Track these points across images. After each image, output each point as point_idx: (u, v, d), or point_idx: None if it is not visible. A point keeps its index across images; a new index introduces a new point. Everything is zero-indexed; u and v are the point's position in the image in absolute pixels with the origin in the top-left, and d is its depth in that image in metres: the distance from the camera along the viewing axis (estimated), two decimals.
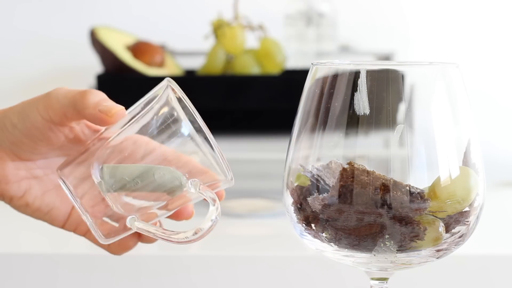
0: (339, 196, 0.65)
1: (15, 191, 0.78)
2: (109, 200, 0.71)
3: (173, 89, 0.70)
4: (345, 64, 0.67)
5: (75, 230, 0.80)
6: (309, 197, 0.66)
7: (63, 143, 0.76)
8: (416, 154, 0.65)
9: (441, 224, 0.65)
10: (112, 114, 0.73)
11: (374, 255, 0.66)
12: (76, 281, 1.15)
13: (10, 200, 0.79)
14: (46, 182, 0.80)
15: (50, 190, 0.80)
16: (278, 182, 0.71)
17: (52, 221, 0.80)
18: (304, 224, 0.67)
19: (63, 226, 0.80)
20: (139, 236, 0.78)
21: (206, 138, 0.69)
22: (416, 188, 0.65)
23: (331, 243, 0.66)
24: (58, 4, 1.66)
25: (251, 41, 1.47)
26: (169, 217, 0.76)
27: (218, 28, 1.44)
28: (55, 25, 1.66)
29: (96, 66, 1.54)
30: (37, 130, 0.75)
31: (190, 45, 1.61)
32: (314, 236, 0.67)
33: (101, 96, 0.74)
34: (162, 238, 0.70)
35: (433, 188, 0.65)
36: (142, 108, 0.72)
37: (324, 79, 0.67)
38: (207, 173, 0.72)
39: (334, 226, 0.65)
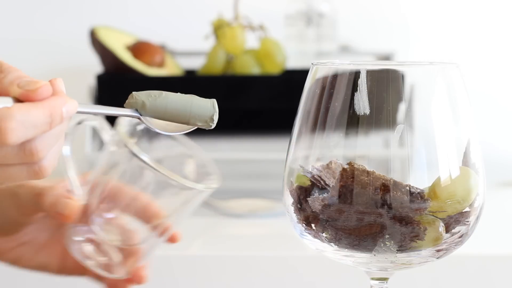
0: (339, 196, 0.65)
1: (6, 260, 0.80)
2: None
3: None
4: (345, 64, 0.67)
5: (72, 273, 0.82)
6: (309, 197, 0.66)
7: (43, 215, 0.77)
8: (416, 154, 0.65)
9: (441, 224, 0.65)
10: (69, 212, 0.73)
11: (374, 255, 0.66)
12: (76, 281, 1.15)
13: (4, 265, 0.80)
14: (36, 244, 0.80)
15: (42, 249, 0.80)
16: (278, 182, 0.71)
17: (49, 273, 0.82)
18: (304, 224, 0.67)
19: (60, 274, 0.82)
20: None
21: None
22: (416, 188, 0.64)
23: (331, 243, 0.66)
24: (58, 4, 1.66)
25: (251, 41, 1.47)
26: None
27: (218, 28, 1.44)
28: (55, 25, 1.66)
29: (96, 66, 1.54)
30: (13, 221, 0.77)
31: (190, 45, 1.61)
32: (314, 236, 0.67)
33: (54, 196, 0.74)
34: None
35: (433, 188, 0.65)
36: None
37: (324, 79, 0.67)
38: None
39: (334, 226, 0.65)
